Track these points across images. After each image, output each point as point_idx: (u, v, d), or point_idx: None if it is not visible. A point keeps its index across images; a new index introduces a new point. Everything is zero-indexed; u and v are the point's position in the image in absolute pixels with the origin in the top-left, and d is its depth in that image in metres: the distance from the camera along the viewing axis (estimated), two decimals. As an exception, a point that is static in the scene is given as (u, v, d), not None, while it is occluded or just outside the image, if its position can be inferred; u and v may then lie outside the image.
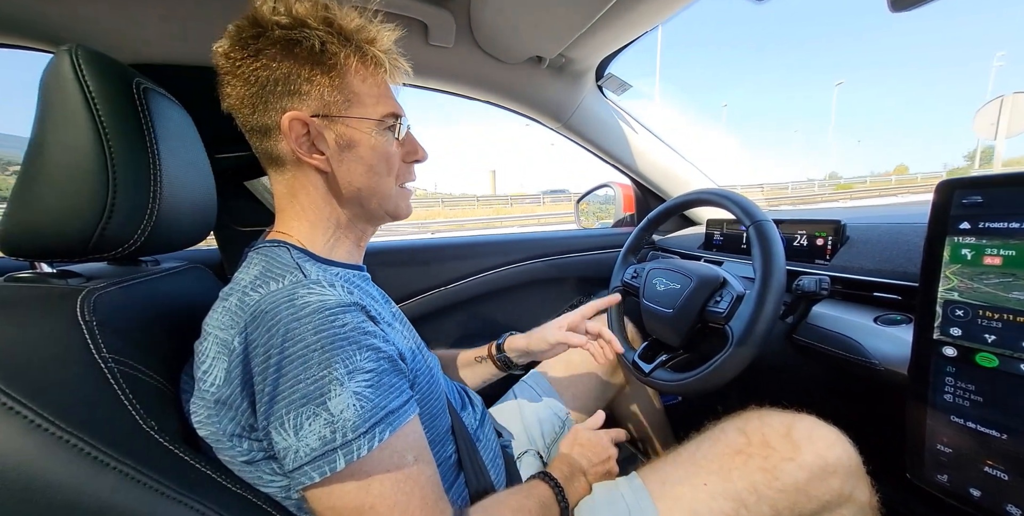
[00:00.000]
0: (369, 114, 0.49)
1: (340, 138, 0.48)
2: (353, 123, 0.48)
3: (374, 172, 0.51)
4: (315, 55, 0.45)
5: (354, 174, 0.50)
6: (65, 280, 0.44)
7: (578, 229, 1.57)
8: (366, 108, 0.49)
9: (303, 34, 0.44)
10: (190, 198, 0.52)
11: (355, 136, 0.49)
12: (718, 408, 1.17)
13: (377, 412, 0.40)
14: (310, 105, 0.47)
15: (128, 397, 0.39)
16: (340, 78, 0.47)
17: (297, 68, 0.45)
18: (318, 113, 0.47)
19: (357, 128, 0.49)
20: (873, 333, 0.58)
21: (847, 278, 0.68)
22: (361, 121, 0.49)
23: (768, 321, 0.60)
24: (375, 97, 0.50)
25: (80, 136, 0.41)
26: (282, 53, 0.45)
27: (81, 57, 0.41)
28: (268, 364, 0.39)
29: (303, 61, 0.45)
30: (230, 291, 0.45)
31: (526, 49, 0.91)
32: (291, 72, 0.45)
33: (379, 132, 0.50)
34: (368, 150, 0.50)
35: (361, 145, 0.49)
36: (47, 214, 0.41)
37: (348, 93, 0.48)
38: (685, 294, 0.73)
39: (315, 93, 0.46)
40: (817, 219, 0.78)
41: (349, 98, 0.48)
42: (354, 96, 0.48)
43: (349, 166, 0.50)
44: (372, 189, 0.51)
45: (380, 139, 0.50)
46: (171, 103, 0.52)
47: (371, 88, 0.49)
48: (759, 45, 24.19)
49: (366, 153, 0.50)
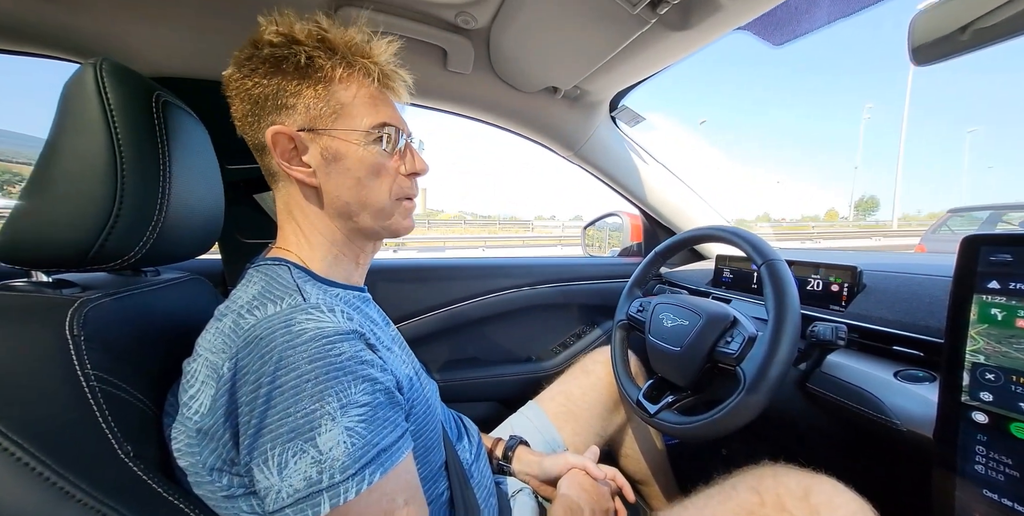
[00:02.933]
0: (356, 125, 0.48)
1: (326, 150, 0.47)
2: (340, 135, 0.47)
3: (362, 184, 0.49)
4: (301, 69, 0.45)
5: (342, 187, 0.49)
6: (59, 290, 0.43)
7: (584, 256, 1.56)
8: (354, 119, 0.48)
9: (291, 50, 0.45)
10: (197, 211, 0.52)
11: (341, 148, 0.48)
12: (722, 451, 1.13)
13: (369, 450, 0.37)
14: (296, 119, 0.47)
15: (106, 418, 0.37)
16: (326, 89, 0.46)
17: (285, 83, 0.46)
18: (304, 126, 0.47)
19: (344, 139, 0.47)
20: (894, 390, 0.55)
21: (865, 328, 0.65)
22: (348, 132, 0.47)
23: (783, 365, 0.57)
24: (365, 107, 0.48)
25: (93, 145, 0.41)
26: (271, 70, 0.45)
27: (105, 70, 0.42)
28: (257, 394, 0.37)
29: (291, 76, 0.46)
30: (226, 311, 0.44)
31: (542, 79, 0.93)
32: (280, 87, 0.46)
33: (367, 143, 0.48)
34: (355, 161, 0.48)
35: (348, 157, 0.48)
36: (49, 222, 0.40)
37: (334, 104, 0.47)
38: (694, 332, 0.71)
39: (301, 106, 0.46)
40: (832, 263, 0.76)
41: (336, 110, 0.47)
42: (341, 107, 0.47)
43: (337, 179, 0.48)
44: (361, 202, 0.49)
45: (368, 150, 0.48)
46: (188, 116, 0.52)
47: (360, 98, 0.48)
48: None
49: (353, 165, 0.48)
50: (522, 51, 0.82)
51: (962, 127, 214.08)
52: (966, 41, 0.46)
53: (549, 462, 0.70)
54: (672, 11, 0.60)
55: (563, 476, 0.67)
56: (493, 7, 0.71)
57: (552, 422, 0.86)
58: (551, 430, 0.85)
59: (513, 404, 0.96)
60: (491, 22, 0.75)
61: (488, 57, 0.88)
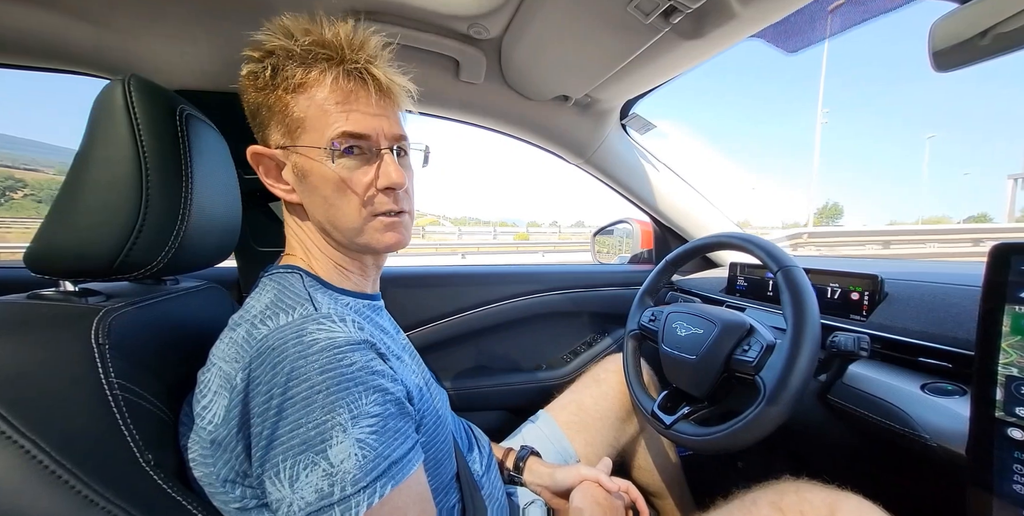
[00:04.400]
0: (316, 140, 0.44)
1: (296, 168, 0.46)
2: (303, 151, 0.45)
3: (328, 203, 0.46)
4: (268, 85, 0.44)
5: (314, 205, 0.47)
6: (85, 299, 0.45)
7: (595, 264, 1.55)
8: (313, 134, 0.44)
9: (262, 64, 0.44)
10: (216, 220, 0.53)
11: (306, 165, 0.45)
12: (738, 463, 1.10)
13: (380, 463, 0.37)
14: (274, 136, 0.46)
15: (129, 427, 0.38)
16: (284, 105, 0.44)
17: (258, 100, 0.46)
18: (280, 144, 0.46)
19: (308, 156, 0.45)
20: (921, 403, 0.53)
21: (888, 338, 0.63)
22: (310, 149, 0.44)
23: (803, 374, 0.56)
24: (327, 118, 0.44)
25: (120, 158, 0.42)
26: (250, 86, 0.46)
27: (133, 86, 0.43)
28: (269, 405, 0.37)
29: (261, 90, 0.45)
30: (239, 320, 0.44)
31: (553, 88, 0.93)
32: (256, 105, 0.46)
33: (330, 158, 0.44)
34: (319, 179, 0.45)
35: (313, 174, 0.45)
36: (77, 233, 0.41)
37: (295, 120, 0.44)
38: (710, 341, 0.69)
39: (272, 123, 0.46)
40: (851, 272, 0.74)
41: (298, 125, 0.44)
42: (300, 122, 0.44)
43: (309, 197, 0.47)
44: (332, 221, 0.47)
45: (331, 166, 0.44)
46: (209, 128, 0.54)
47: (321, 107, 0.44)
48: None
49: (319, 182, 0.45)
50: (534, 61, 0.83)
51: (921, 133, 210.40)
52: (987, 46, 0.45)
53: (561, 474, 0.68)
54: (685, 20, 0.60)
55: (576, 488, 0.66)
56: (505, 18, 0.72)
57: (563, 432, 0.85)
58: (562, 440, 0.84)
59: (523, 413, 0.95)
60: (503, 33, 0.76)
61: (499, 67, 0.88)
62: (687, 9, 0.57)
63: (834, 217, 48.59)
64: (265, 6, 0.68)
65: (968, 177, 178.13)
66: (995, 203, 42.29)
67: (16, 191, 79.69)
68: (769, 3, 0.57)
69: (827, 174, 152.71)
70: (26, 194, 79.93)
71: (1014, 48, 0.44)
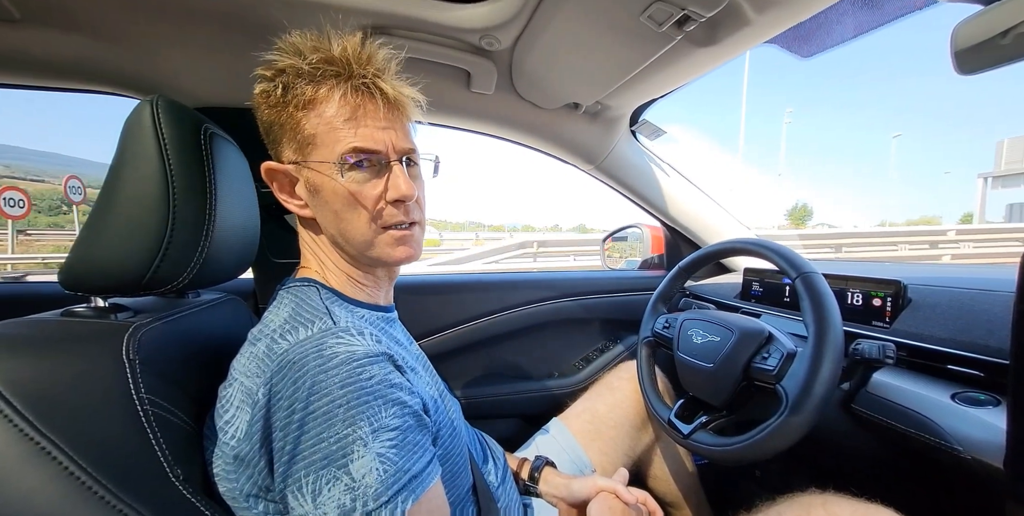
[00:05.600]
0: (327, 155, 0.45)
1: (308, 183, 0.47)
2: (315, 166, 0.46)
3: (340, 217, 0.47)
4: (280, 102, 0.45)
5: (326, 220, 0.48)
6: (115, 315, 0.46)
7: (605, 270, 1.54)
8: (324, 149, 0.45)
9: (274, 83, 0.45)
10: (237, 235, 0.54)
11: (318, 180, 0.46)
12: (756, 472, 1.08)
13: (400, 477, 0.37)
14: (287, 153, 0.47)
15: (159, 441, 0.39)
16: (296, 122, 0.45)
17: (271, 117, 0.47)
18: (293, 160, 0.47)
19: (319, 171, 0.45)
20: (952, 413, 0.52)
21: (915, 346, 0.62)
22: (320, 164, 0.45)
23: (827, 383, 0.55)
24: (336, 133, 0.45)
25: (149, 177, 0.43)
26: (263, 104, 0.46)
27: (160, 107, 0.45)
28: (291, 419, 0.37)
29: (273, 108, 0.46)
30: (259, 335, 0.45)
31: (564, 97, 0.94)
32: (270, 122, 0.47)
33: (340, 172, 0.45)
34: (330, 193, 0.46)
35: (324, 189, 0.46)
36: (108, 251, 0.43)
37: (306, 136, 0.45)
38: (727, 348, 0.68)
39: (285, 139, 0.47)
40: (872, 277, 0.73)
41: (309, 141, 0.45)
42: (310, 138, 0.45)
43: (321, 211, 0.48)
44: (344, 235, 0.47)
45: (341, 181, 0.45)
46: (230, 145, 0.55)
47: (331, 122, 0.44)
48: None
49: (330, 197, 0.46)
50: (544, 70, 0.83)
51: (887, 132, 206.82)
52: (1007, 46, 0.45)
53: (577, 485, 0.67)
54: (699, 28, 0.60)
55: (593, 500, 0.65)
56: (517, 30, 0.72)
57: (578, 441, 0.84)
58: (577, 450, 0.83)
59: (536, 421, 0.95)
60: (514, 44, 0.77)
61: (510, 77, 0.89)
62: (701, 18, 0.57)
63: (805, 218, 47.95)
64: (281, 25, 0.70)
65: (949, 176, 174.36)
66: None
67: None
68: (784, 9, 0.57)
69: (801, 174, 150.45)
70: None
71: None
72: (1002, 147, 28.91)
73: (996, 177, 27.61)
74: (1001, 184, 27.58)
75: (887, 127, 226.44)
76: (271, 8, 0.66)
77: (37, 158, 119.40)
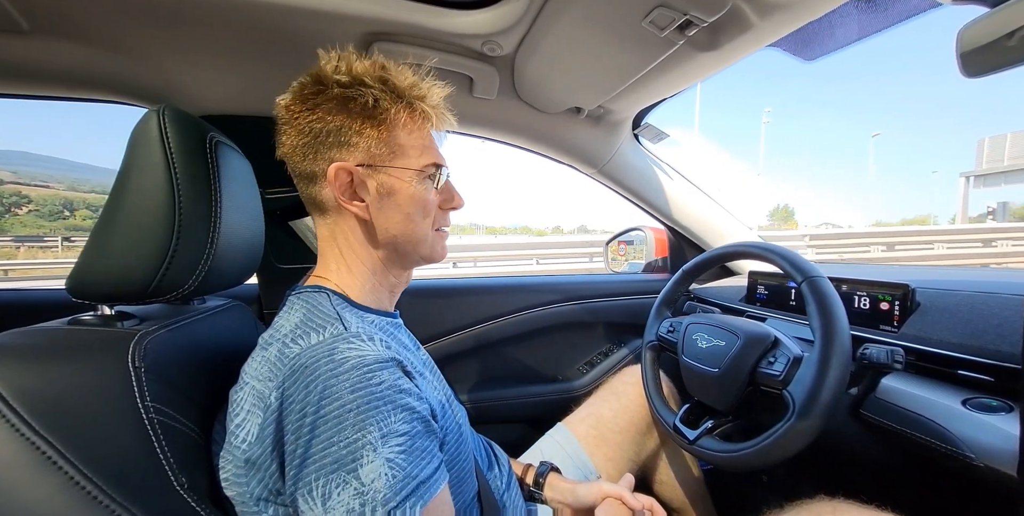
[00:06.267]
0: (411, 164, 0.51)
1: (381, 186, 0.50)
2: (395, 172, 0.50)
3: (410, 219, 0.52)
4: (367, 110, 0.48)
5: (391, 221, 0.51)
6: (121, 322, 0.46)
7: (609, 273, 1.54)
8: (409, 159, 0.51)
9: (359, 92, 0.47)
10: (242, 241, 0.54)
11: (395, 185, 0.50)
12: (763, 477, 1.07)
13: (408, 482, 0.38)
14: (356, 156, 0.49)
15: (163, 449, 0.39)
16: (388, 131, 0.49)
17: (349, 122, 0.48)
18: (363, 163, 0.49)
19: (398, 177, 0.50)
20: (962, 419, 0.51)
21: (924, 350, 0.61)
22: (403, 171, 0.51)
23: (835, 388, 0.54)
24: (419, 148, 0.52)
25: (155, 185, 0.44)
26: (337, 108, 0.47)
27: (167, 116, 0.45)
28: (303, 423, 0.38)
29: (356, 115, 0.48)
30: (270, 340, 0.45)
31: (566, 101, 0.94)
32: (343, 125, 0.48)
33: (419, 181, 0.52)
34: (407, 198, 0.51)
35: (400, 193, 0.51)
36: (116, 259, 0.43)
37: (394, 145, 0.50)
38: (733, 353, 0.68)
39: (363, 145, 0.49)
40: (879, 281, 0.72)
41: (394, 150, 0.50)
42: (399, 148, 0.50)
43: (387, 214, 0.51)
44: (408, 235, 0.52)
45: (419, 188, 0.52)
46: (235, 152, 0.55)
47: (416, 140, 0.51)
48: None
49: (404, 201, 0.51)
50: (546, 75, 0.83)
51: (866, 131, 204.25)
52: (1014, 47, 0.44)
53: (583, 490, 0.67)
54: (701, 33, 0.60)
55: (599, 506, 0.64)
56: (519, 35, 0.72)
57: (583, 447, 0.84)
58: (582, 455, 0.83)
59: (540, 425, 0.94)
60: (516, 49, 0.77)
61: (512, 81, 0.89)
62: (703, 23, 0.57)
63: (786, 219, 47.49)
64: (288, 35, 0.71)
65: (937, 175, 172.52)
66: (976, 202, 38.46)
67: (21, 207, 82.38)
68: (787, 13, 0.57)
69: (784, 175, 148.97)
70: (30, 210, 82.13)
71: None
72: (983, 145, 28.64)
73: (978, 176, 27.39)
74: (983, 183, 27.37)
75: (867, 127, 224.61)
76: (275, 16, 0.66)
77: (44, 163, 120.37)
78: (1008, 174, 26.87)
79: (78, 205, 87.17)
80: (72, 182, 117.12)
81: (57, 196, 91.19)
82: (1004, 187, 27.00)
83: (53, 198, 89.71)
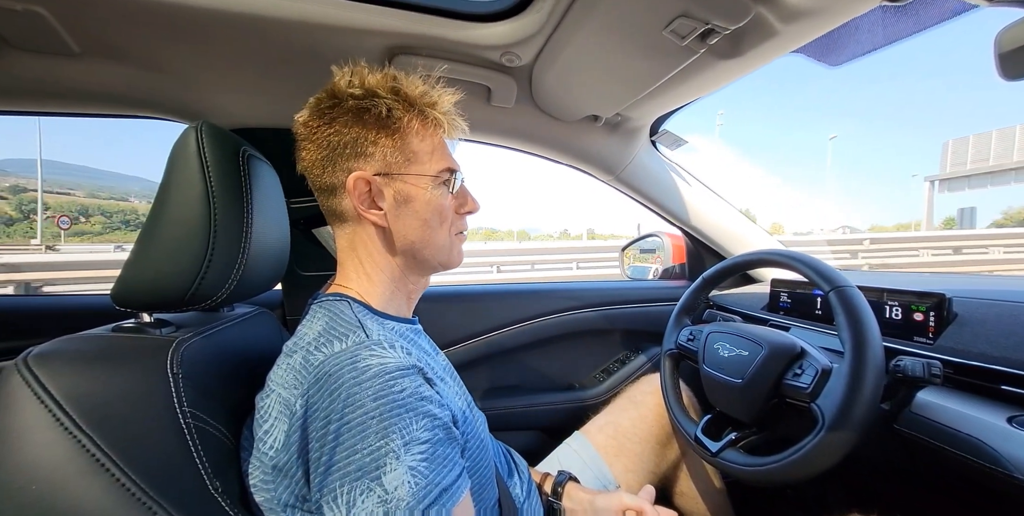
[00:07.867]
0: (426, 171, 0.52)
1: (398, 194, 0.51)
2: (411, 179, 0.51)
3: (427, 225, 0.53)
4: (381, 120, 0.49)
5: (409, 228, 0.52)
6: (160, 330, 0.48)
7: (626, 280, 1.53)
8: (423, 165, 0.52)
9: (372, 103, 0.48)
10: (270, 250, 0.56)
11: (412, 192, 0.52)
12: (788, 491, 1.04)
13: (431, 490, 0.38)
14: (373, 165, 0.50)
15: (200, 454, 0.41)
16: (402, 139, 0.51)
17: (365, 132, 0.49)
18: (380, 172, 0.50)
19: (414, 184, 0.52)
20: (1009, 437, 0.49)
21: (963, 364, 0.59)
22: (418, 177, 0.52)
23: (867, 403, 0.53)
24: (432, 154, 0.53)
25: (193, 199, 0.46)
26: (353, 120, 0.49)
27: (204, 132, 0.48)
28: (327, 430, 0.38)
29: (371, 126, 0.49)
30: (294, 347, 0.46)
31: (583, 109, 0.94)
32: (359, 136, 0.49)
33: (434, 187, 0.53)
34: (423, 204, 0.52)
35: (417, 200, 0.52)
36: (156, 270, 0.45)
37: (408, 153, 0.51)
38: (757, 363, 0.66)
39: (379, 154, 0.50)
40: (912, 290, 0.70)
41: (409, 157, 0.51)
42: (413, 155, 0.51)
43: (405, 220, 0.52)
44: (425, 241, 0.53)
45: (435, 193, 0.53)
46: (264, 164, 0.57)
47: (429, 146, 0.52)
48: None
49: (421, 207, 0.52)
50: (564, 84, 0.84)
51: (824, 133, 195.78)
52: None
53: (602, 501, 0.66)
54: (723, 40, 0.60)
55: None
56: (538, 46, 0.73)
57: (601, 456, 0.83)
58: (600, 465, 0.81)
59: (556, 433, 0.94)
60: (535, 59, 0.78)
61: (530, 91, 0.90)
62: (725, 31, 0.57)
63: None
64: (313, 51, 0.73)
65: (916, 179, 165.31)
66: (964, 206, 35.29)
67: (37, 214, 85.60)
68: (812, 20, 0.56)
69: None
70: (48, 217, 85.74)
71: None
72: (947, 149, 27.56)
73: (943, 180, 26.40)
74: (947, 188, 26.37)
75: (827, 129, 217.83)
76: (301, 34, 0.69)
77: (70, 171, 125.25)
78: (971, 178, 25.87)
79: (93, 211, 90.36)
80: (93, 189, 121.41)
81: (75, 203, 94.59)
82: (968, 192, 25.98)
83: (70, 205, 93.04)
